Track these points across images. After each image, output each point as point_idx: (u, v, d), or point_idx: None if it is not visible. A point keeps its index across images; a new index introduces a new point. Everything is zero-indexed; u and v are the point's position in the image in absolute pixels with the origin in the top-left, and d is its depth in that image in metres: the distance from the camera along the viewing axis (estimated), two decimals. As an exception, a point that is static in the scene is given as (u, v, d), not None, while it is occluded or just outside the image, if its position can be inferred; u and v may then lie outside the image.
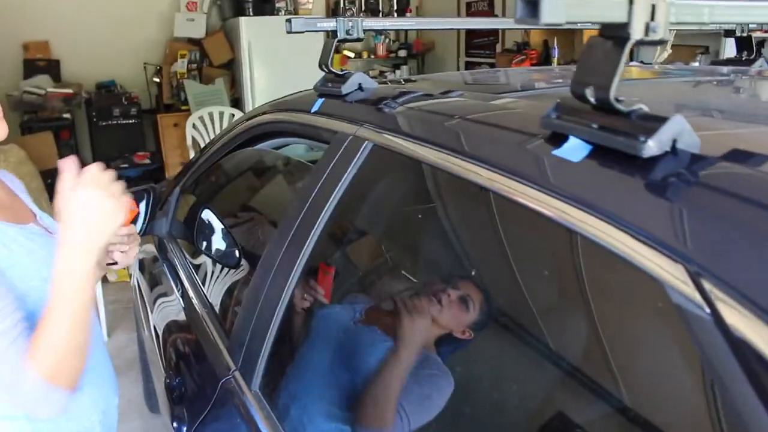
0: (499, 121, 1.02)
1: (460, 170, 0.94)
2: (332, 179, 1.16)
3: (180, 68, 6.15)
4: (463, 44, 7.06)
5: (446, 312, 1.12)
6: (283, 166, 1.85)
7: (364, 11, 7.29)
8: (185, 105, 6.09)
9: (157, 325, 2.10)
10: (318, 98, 1.42)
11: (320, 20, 1.36)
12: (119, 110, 5.85)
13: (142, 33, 6.42)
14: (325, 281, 1.24)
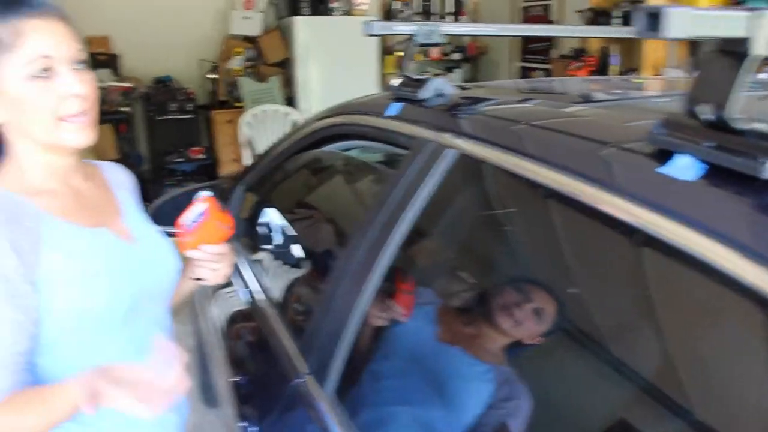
0: (588, 131, 1.00)
1: (551, 182, 0.93)
2: (413, 186, 1.15)
3: (235, 65, 6.22)
4: (517, 49, 7.00)
5: (523, 325, 1.11)
6: (350, 168, 1.85)
7: (418, 13, 7.28)
8: (239, 102, 6.17)
9: (220, 319, 2.12)
10: (394, 102, 1.41)
11: (399, 24, 1.35)
12: (175, 105, 5.95)
13: (198, 29, 6.52)
14: (406, 301, 1.24)
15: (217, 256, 1.23)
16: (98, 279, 1.08)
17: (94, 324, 1.09)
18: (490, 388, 1.11)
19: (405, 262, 1.25)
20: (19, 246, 1.00)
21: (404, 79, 1.41)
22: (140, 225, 1.25)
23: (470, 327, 1.22)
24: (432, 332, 1.25)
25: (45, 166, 1.10)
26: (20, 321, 1.01)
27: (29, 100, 1.02)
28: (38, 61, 1.01)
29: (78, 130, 1.06)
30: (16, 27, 1.00)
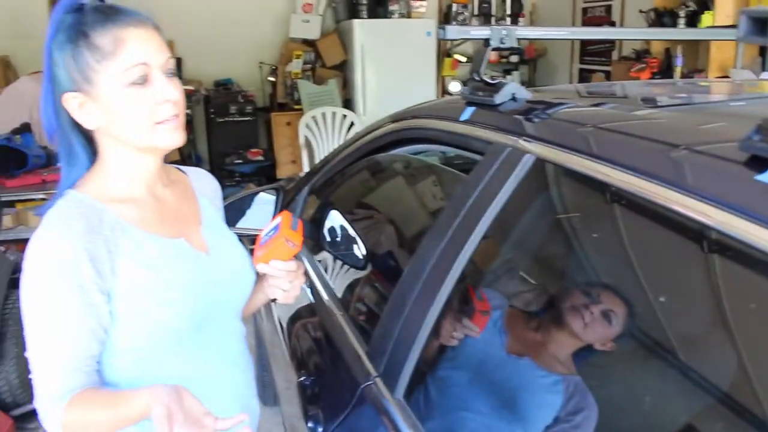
0: (669, 135, 0.98)
1: (631, 187, 0.91)
2: (489, 191, 1.14)
3: (295, 68, 6.30)
4: (577, 51, 6.89)
5: (594, 329, 1.09)
6: (421, 172, 1.85)
7: (476, 15, 7.24)
8: (298, 104, 6.24)
9: (282, 318, 2.14)
10: (467, 106, 1.40)
11: (474, 29, 1.35)
12: (235, 108, 6.05)
13: (258, 33, 6.62)
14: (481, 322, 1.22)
15: (286, 273, 1.23)
16: (172, 290, 1.11)
17: (165, 334, 1.11)
18: (559, 400, 1.09)
19: (480, 269, 1.24)
20: (96, 255, 1.04)
21: (476, 82, 1.40)
22: (219, 236, 1.26)
23: (540, 335, 1.20)
24: (502, 340, 1.24)
25: (132, 171, 1.14)
26: (93, 327, 1.05)
27: (127, 105, 1.06)
28: (136, 69, 1.05)
29: (171, 133, 1.10)
30: (116, 36, 1.04)
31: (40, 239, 1.03)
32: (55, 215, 1.05)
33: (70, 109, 1.07)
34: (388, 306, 1.33)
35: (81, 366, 1.05)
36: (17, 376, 3.01)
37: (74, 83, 1.06)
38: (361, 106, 6.30)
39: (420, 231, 1.69)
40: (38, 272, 1.03)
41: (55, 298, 1.02)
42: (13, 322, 3.07)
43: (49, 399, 1.03)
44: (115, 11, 1.06)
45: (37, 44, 4.47)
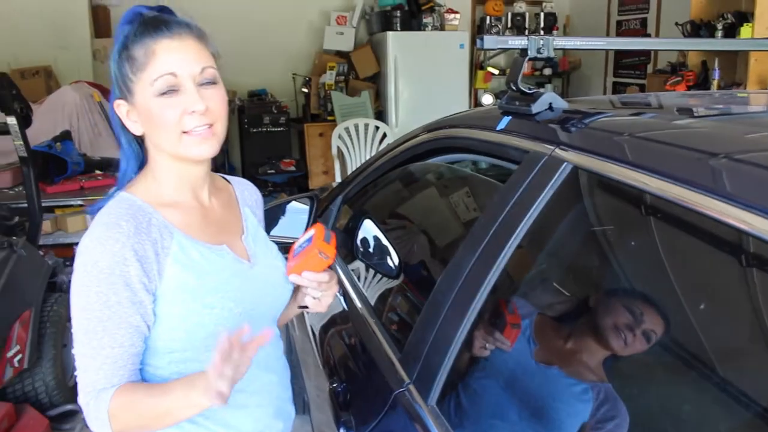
0: (709, 144, 0.97)
1: (679, 199, 0.90)
2: (526, 200, 1.15)
3: (328, 80, 6.36)
4: (611, 64, 6.84)
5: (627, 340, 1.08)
6: (456, 181, 1.85)
7: (509, 28, 7.24)
8: (331, 116, 6.29)
9: (314, 325, 2.15)
10: (503, 116, 1.40)
11: (512, 38, 1.35)
12: (269, 118, 6.13)
13: (292, 45, 6.70)
14: (513, 335, 1.22)
15: (318, 284, 1.24)
16: (214, 295, 1.13)
17: (203, 337, 1.14)
18: (588, 408, 1.09)
19: (516, 279, 1.24)
20: (144, 255, 1.08)
21: (513, 92, 1.41)
22: (260, 246, 1.29)
23: (571, 343, 1.20)
24: (534, 349, 1.24)
25: (176, 176, 1.18)
26: (138, 325, 1.09)
27: (156, 114, 1.10)
28: (163, 79, 1.09)
29: (199, 144, 1.12)
30: (149, 48, 1.09)
31: (92, 238, 1.07)
32: (106, 215, 1.09)
33: (120, 115, 1.14)
34: (422, 313, 1.34)
35: (125, 362, 1.08)
36: (53, 378, 3.07)
37: (120, 91, 1.13)
38: (394, 118, 6.33)
39: (454, 240, 1.70)
40: (88, 269, 1.06)
41: (102, 295, 1.05)
42: (51, 325, 3.14)
43: (93, 392, 1.06)
44: (155, 23, 1.10)
45: (78, 55, 4.61)
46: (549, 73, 7.31)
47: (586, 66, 7.26)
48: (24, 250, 3.14)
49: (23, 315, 2.96)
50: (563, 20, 7.41)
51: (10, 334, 2.82)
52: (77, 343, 1.08)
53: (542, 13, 7.23)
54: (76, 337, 1.09)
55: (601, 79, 6.99)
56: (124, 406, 1.06)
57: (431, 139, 1.72)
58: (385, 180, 2.03)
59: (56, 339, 3.16)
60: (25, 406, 2.92)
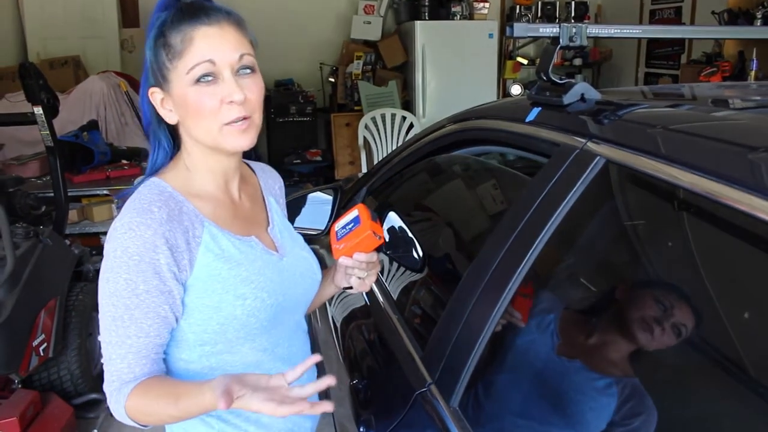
0: (750, 138, 0.91)
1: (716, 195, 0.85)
2: (556, 194, 1.09)
3: (355, 69, 6.32)
4: (643, 54, 6.70)
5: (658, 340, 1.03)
6: (484, 174, 1.80)
7: (539, 17, 7.13)
8: (358, 105, 6.25)
9: (336, 318, 2.12)
10: (533, 107, 1.35)
11: (543, 26, 1.29)
12: (295, 108, 6.11)
13: (320, 34, 6.67)
14: (524, 306, 1.18)
15: (367, 265, 1.23)
16: (246, 286, 1.11)
17: (235, 329, 1.12)
18: (613, 403, 1.04)
19: (545, 276, 1.19)
20: (175, 244, 1.05)
21: (544, 82, 1.35)
22: (287, 236, 1.28)
23: (599, 339, 1.15)
24: (559, 346, 1.19)
25: (208, 167, 1.15)
26: (164, 315, 1.06)
27: (193, 103, 1.06)
28: (200, 66, 1.05)
29: (237, 135, 1.09)
30: (187, 34, 1.05)
31: (122, 222, 1.05)
32: (138, 201, 1.07)
33: (154, 103, 1.11)
34: (446, 311, 1.29)
35: (150, 352, 1.06)
36: (78, 366, 3.08)
37: (155, 79, 1.09)
38: (421, 108, 6.27)
39: (480, 235, 1.65)
40: (117, 255, 1.03)
41: (131, 282, 1.03)
42: (76, 314, 3.15)
43: (117, 381, 1.05)
44: (195, 9, 1.06)
45: (106, 45, 4.62)
46: (579, 63, 7.19)
47: (617, 56, 7.11)
48: (50, 239, 3.15)
49: (49, 304, 2.97)
50: (594, 9, 7.26)
51: (35, 323, 2.84)
52: (103, 329, 1.07)
53: (573, 2, 7.10)
54: (102, 323, 1.07)
55: (633, 70, 6.85)
56: (141, 406, 1.04)
57: (458, 130, 1.67)
58: (411, 172, 1.98)
59: (81, 328, 3.18)
60: (51, 394, 2.94)
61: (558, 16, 7.12)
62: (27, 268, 2.86)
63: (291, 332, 1.26)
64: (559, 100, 1.27)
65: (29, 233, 3.06)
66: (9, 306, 2.70)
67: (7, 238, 2.69)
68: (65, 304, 3.13)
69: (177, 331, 1.11)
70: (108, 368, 1.06)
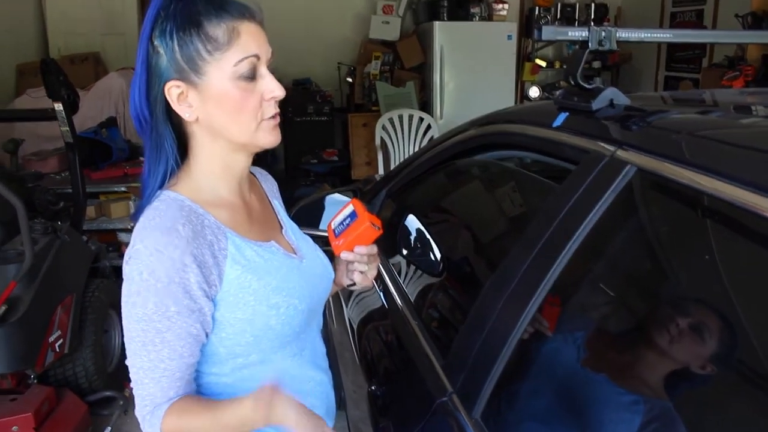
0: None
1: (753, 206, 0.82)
2: (585, 203, 1.07)
3: (373, 69, 6.30)
4: (663, 57, 6.63)
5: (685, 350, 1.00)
6: (507, 180, 1.77)
7: (559, 19, 7.08)
8: (375, 106, 6.23)
9: (353, 320, 2.11)
10: (560, 112, 1.32)
11: (572, 29, 1.27)
12: (313, 107, 6.10)
13: (338, 33, 6.66)
14: (549, 316, 1.16)
15: (369, 257, 1.23)
16: (277, 296, 1.09)
17: (270, 339, 1.10)
18: (637, 420, 1.01)
19: (572, 287, 1.16)
20: (202, 261, 1.02)
21: (571, 87, 1.32)
22: (299, 238, 1.26)
23: (628, 354, 1.12)
24: (586, 359, 1.16)
25: (224, 169, 1.11)
26: (196, 333, 1.03)
27: (234, 99, 1.03)
28: (248, 61, 1.03)
29: (272, 131, 1.08)
30: (231, 27, 1.02)
31: (146, 244, 1.00)
32: (160, 219, 1.02)
33: (170, 98, 1.04)
34: (468, 319, 1.27)
35: (184, 373, 1.04)
36: (93, 363, 3.09)
37: (178, 72, 1.02)
38: (438, 109, 6.25)
39: (504, 241, 1.63)
40: (144, 278, 1.00)
41: (161, 305, 0.99)
42: (92, 311, 3.16)
43: (150, 405, 1.02)
44: (227, 2, 1.03)
45: (125, 41, 4.63)
46: (598, 65, 7.12)
47: (637, 59, 7.04)
48: (68, 235, 3.16)
49: (65, 300, 2.98)
50: (614, 11, 7.20)
51: (52, 319, 2.85)
52: (132, 354, 1.03)
53: (593, 4, 7.05)
54: (130, 348, 1.03)
55: (653, 73, 6.77)
56: (177, 427, 1.02)
57: (481, 134, 1.65)
58: (432, 175, 1.96)
59: (97, 325, 3.18)
60: (65, 390, 2.95)
61: (577, 18, 7.07)
62: (45, 264, 2.87)
63: (315, 334, 1.25)
64: (587, 105, 1.25)
65: (47, 229, 3.07)
66: (26, 301, 2.71)
67: (26, 233, 2.70)
68: (81, 300, 3.14)
69: (207, 346, 1.08)
70: (139, 392, 1.03)
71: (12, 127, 4.61)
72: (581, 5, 7.05)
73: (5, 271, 2.72)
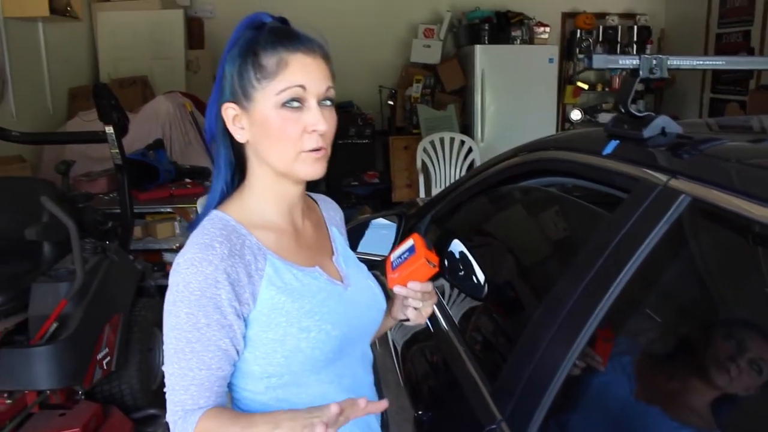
0: None
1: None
2: (637, 232, 1.06)
3: (414, 92, 6.34)
4: (709, 79, 6.54)
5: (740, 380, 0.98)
6: (556, 207, 1.77)
7: (600, 42, 7.05)
8: (416, 128, 6.27)
9: (396, 341, 2.11)
10: (610, 140, 1.32)
11: (623, 57, 1.27)
12: (354, 130, 6.16)
13: (379, 57, 6.73)
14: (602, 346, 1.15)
15: (422, 294, 1.22)
16: (311, 318, 1.10)
17: (300, 362, 1.11)
18: None
19: (626, 315, 1.15)
20: (236, 279, 1.05)
21: (622, 114, 1.32)
22: (351, 266, 1.27)
23: (681, 384, 1.10)
24: (637, 387, 1.15)
25: (275, 193, 1.15)
26: (225, 348, 1.06)
27: (275, 127, 1.07)
28: (292, 90, 1.06)
29: (311, 163, 1.10)
30: (282, 58, 1.07)
31: (185, 258, 1.06)
32: (201, 236, 1.07)
33: (226, 118, 1.11)
34: (518, 346, 1.27)
35: (213, 385, 1.06)
36: (138, 381, 3.14)
37: (233, 95, 1.10)
38: (479, 133, 6.26)
39: (550, 268, 1.62)
40: (180, 289, 1.05)
41: (192, 316, 1.04)
42: (138, 329, 3.22)
43: (181, 410, 1.05)
44: (289, 35, 1.09)
45: (172, 65, 4.72)
46: (641, 88, 7.05)
47: (681, 81, 6.96)
48: (116, 255, 3.23)
49: (113, 319, 3.04)
50: (658, 34, 7.15)
51: (100, 337, 2.91)
52: (167, 361, 1.08)
53: (636, 26, 7.01)
54: (166, 354, 1.08)
55: (697, 96, 6.68)
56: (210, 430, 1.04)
57: (528, 160, 1.65)
58: (478, 200, 1.97)
59: (143, 343, 3.24)
60: (112, 407, 3.00)
61: (620, 40, 7.03)
62: (94, 283, 2.94)
63: (356, 363, 1.24)
64: (638, 133, 1.24)
65: (97, 248, 3.14)
66: (76, 319, 2.78)
67: (78, 253, 2.77)
68: (128, 319, 3.20)
69: (242, 363, 1.11)
70: (171, 398, 1.07)
71: (63, 149, 4.74)
72: (623, 28, 7.02)
73: (57, 290, 2.79)
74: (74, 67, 5.75)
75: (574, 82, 6.97)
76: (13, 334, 2.78)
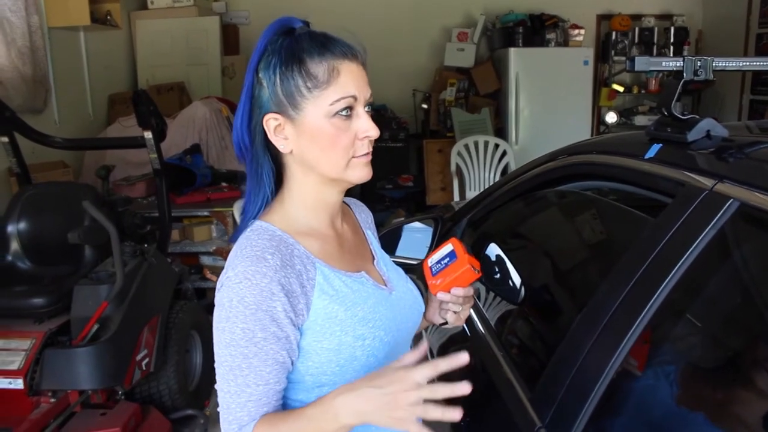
0: None
1: None
2: (683, 238, 1.05)
3: (448, 96, 6.33)
4: (748, 80, 6.41)
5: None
6: (597, 211, 1.75)
7: (636, 43, 6.95)
8: (450, 132, 6.25)
9: (432, 345, 2.10)
10: (652, 143, 1.30)
11: (666, 59, 1.25)
12: (389, 134, 6.16)
13: (413, 61, 6.74)
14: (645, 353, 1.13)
15: (464, 299, 1.22)
16: (364, 325, 1.09)
17: (355, 370, 1.09)
18: None
19: (670, 322, 1.14)
20: (290, 290, 1.04)
21: (665, 118, 1.30)
22: (390, 270, 1.26)
23: (726, 392, 1.08)
24: (680, 394, 1.13)
25: (318, 200, 1.14)
26: (282, 361, 1.04)
27: (327, 136, 1.07)
28: (346, 100, 1.06)
29: (362, 167, 1.10)
30: (332, 66, 1.05)
31: (236, 272, 1.03)
32: (250, 249, 1.05)
33: (267, 129, 1.09)
34: (558, 352, 1.26)
35: (270, 399, 1.04)
36: (176, 382, 3.18)
37: (277, 105, 1.07)
38: (514, 136, 6.22)
39: (591, 273, 1.60)
40: (234, 304, 1.02)
41: (248, 331, 1.02)
42: (175, 331, 3.26)
43: (236, 429, 1.04)
44: (331, 41, 1.07)
45: (208, 71, 4.78)
46: (679, 90, 6.93)
47: (719, 82, 6.82)
48: (154, 258, 3.28)
49: (152, 321, 3.09)
50: (695, 35, 7.03)
51: (139, 338, 2.96)
52: (221, 379, 1.05)
53: (672, 27, 6.90)
54: (219, 372, 1.06)
55: (737, 97, 6.55)
56: None
57: (567, 164, 1.64)
58: (515, 205, 1.95)
59: (180, 345, 3.28)
60: (150, 407, 3.04)
61: (656, 41, 6.93)
62: (134, 285, 2.99)
63: None
64: (682, 137, 1.22)
65: (136, 252, 3.20)
66: (116, 321, 2.83)
67: (118, 256, 2.82)
68: (166, 321, 3.25)
69: (293, 374, 1.09)
70: (226, 417, 1.05)
71: (103, 154, 4.84)
72: (660, 29, 6.92)
73: (97, 292, 2.85)
74: (114, 74, 5.86)
75: (610, 85, 6.88)
76: (57, 335, 2.85)
